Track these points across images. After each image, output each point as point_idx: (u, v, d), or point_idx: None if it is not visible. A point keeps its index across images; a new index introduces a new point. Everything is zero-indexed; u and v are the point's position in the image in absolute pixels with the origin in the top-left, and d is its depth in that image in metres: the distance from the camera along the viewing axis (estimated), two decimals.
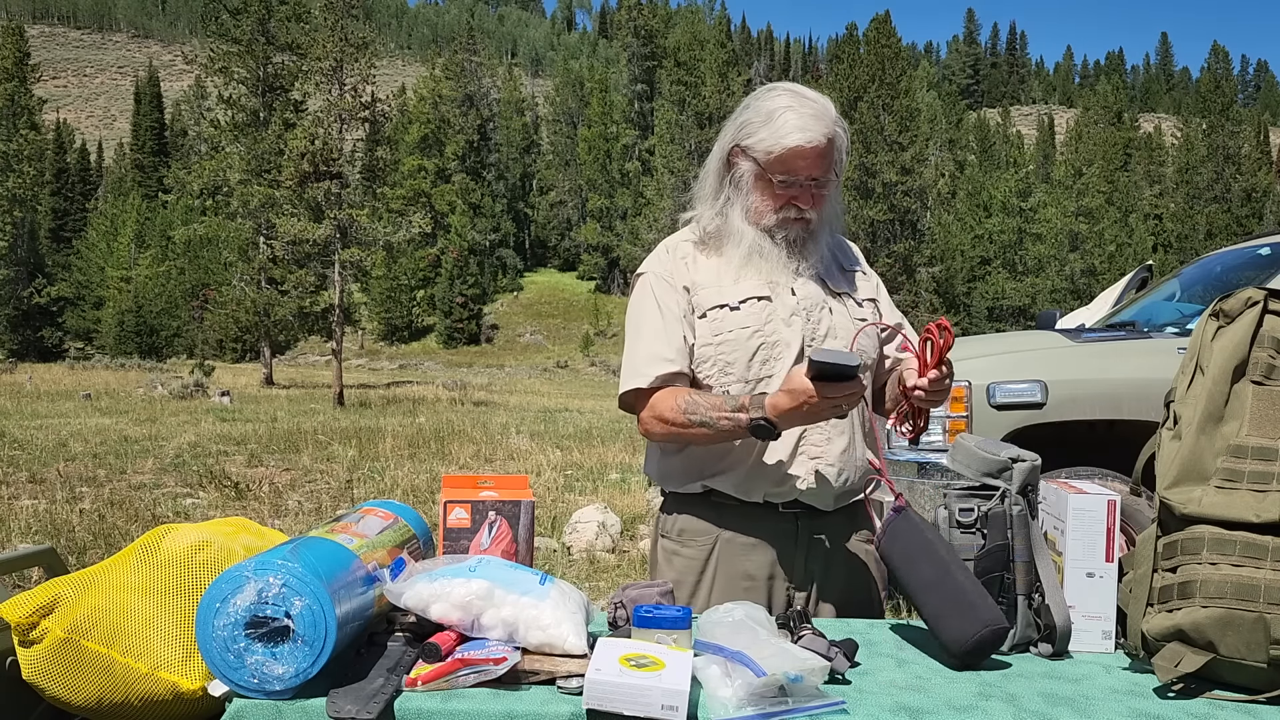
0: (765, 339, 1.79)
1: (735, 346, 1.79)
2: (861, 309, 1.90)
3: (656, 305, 1.85)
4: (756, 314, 1.80)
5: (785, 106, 1.76)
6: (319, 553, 1.29)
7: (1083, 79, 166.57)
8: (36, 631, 1.36)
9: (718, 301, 1.82)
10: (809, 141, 1.74)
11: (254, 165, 28.58)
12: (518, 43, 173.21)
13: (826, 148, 1.76)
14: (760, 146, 1.77)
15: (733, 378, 1.80)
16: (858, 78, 51.34)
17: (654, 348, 1.82)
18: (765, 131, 1.76)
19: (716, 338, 1.81)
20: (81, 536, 6.43)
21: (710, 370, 1.81)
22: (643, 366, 1.81)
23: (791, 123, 1.74)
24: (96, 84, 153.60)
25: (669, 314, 1.83)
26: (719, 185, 1.85)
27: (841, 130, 1.81)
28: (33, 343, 51.71)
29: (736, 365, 1.80)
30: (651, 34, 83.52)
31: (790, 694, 1.21)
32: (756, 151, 1.78)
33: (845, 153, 1.84)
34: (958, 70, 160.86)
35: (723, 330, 1.80)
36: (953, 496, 1.60)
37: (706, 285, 1.84)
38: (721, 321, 1.81)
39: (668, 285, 1.85)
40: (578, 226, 78.99)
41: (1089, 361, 4.05)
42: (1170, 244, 59.01)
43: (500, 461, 11.06)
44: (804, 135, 1.73)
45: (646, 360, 1.82)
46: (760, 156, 1.78)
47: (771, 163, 1.77)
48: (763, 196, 1.80)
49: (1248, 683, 1.33)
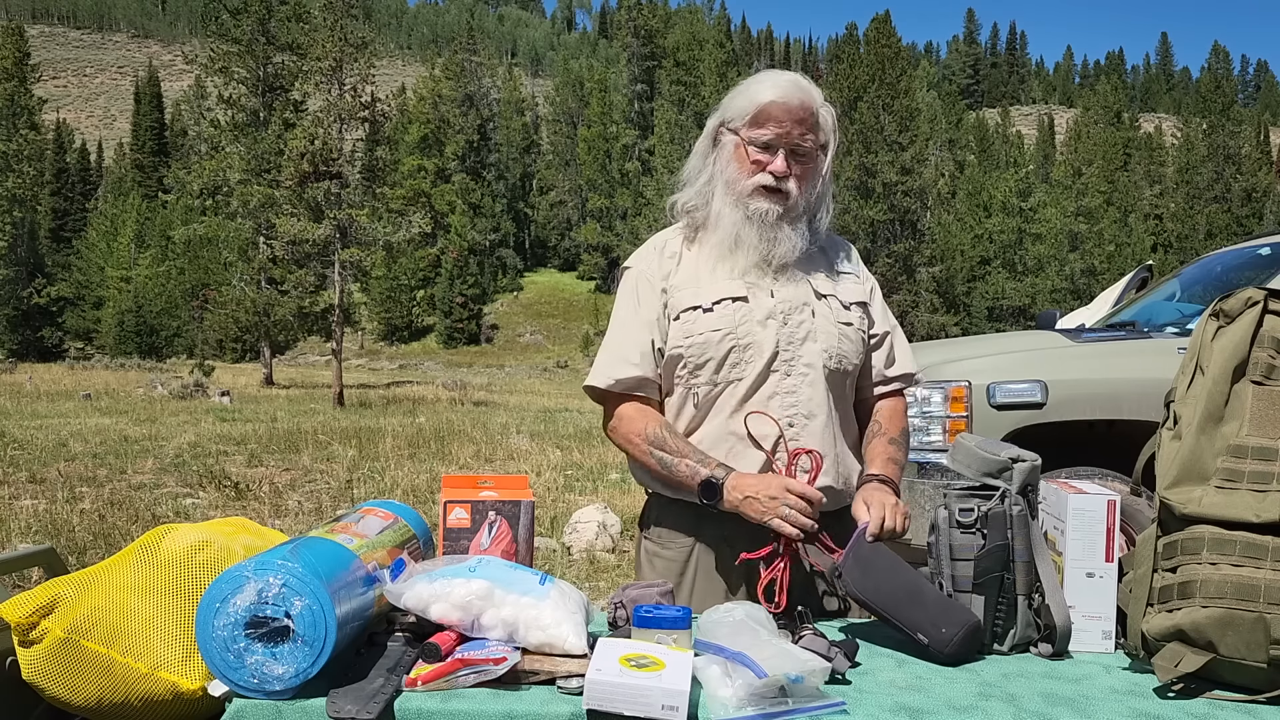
0: (737, 341, 1.77)
1: (706, 348, 1.78)
2: (849, 312, 1.85)
3: (634, 305, 1.86)
4: (729, 315, 1.78)
5: (763, 76, 1.81)
6: (319, 553, 1.29)
7: (1083, 79, 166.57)
8: (36, 632, 1.36)
9: (692, 303, 1.81)
10: (781, 97, 1.76)
11: (254, 165, 28.58)
12: (518, 43, 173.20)
13: (800, 111, 1.76)
14: (736, 111, 1.80)
15: (701, 379, 1.79)
16: (858, 78, 51.33)
17: (621, 350, 1.83)
18: (743, 99, 1.80)
19: (687, 339, 1.79)
20: (81, 536, 6.42)
21: (681, 372, 1.81)
22: (606, 367, 1.84)
23: (766, 82, 1.79)
24: (96, 84, 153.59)
25: (643, 316, 1.84)
26: (703, 164, 1.86)
27: (825, 112, 1.81)
28: (33, 343, 51.72)
29: (706, 367, 1.78)
30: (651, 34, 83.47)
31: (790, 694, 1.21)
32: (734, 119, 1.80)
33: (832, 135, 1.83)
34: (958, 70, 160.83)
35: (694, 332, 1.79)
36: (953, 496, 1.60)
37: (684, 286, 1.83)
38: (694, 323, 1.79)
39: (648, 285, 1.85)
40: (578, 226, 78.99)
41: (1089, 361, 4.04)
42: (1170, 244, 59.00)
43: (500, 461, 11.06)
44: (776, 91, 1.76)
45: (611, 361, 1.84)
46: (737, 123, 1.80)
47: (747, 124, 1.78)
48: (740, 166, 1.80)
49: (1248, 683, 1.33)
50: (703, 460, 1.73)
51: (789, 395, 1.77)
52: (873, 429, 1.87)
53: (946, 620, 1.46)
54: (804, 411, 1.77)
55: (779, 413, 1.76)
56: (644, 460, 1.79)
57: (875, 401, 1.91)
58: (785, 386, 1.77)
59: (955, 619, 1.46)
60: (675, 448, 1.76)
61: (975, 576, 1.52)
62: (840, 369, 1.82)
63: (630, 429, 1.81)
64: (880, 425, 1.87)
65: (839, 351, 1.81)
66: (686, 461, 1.74)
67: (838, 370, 1.81)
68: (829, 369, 1.80)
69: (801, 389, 1.78)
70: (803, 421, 1.77)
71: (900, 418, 1.90)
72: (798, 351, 1.78)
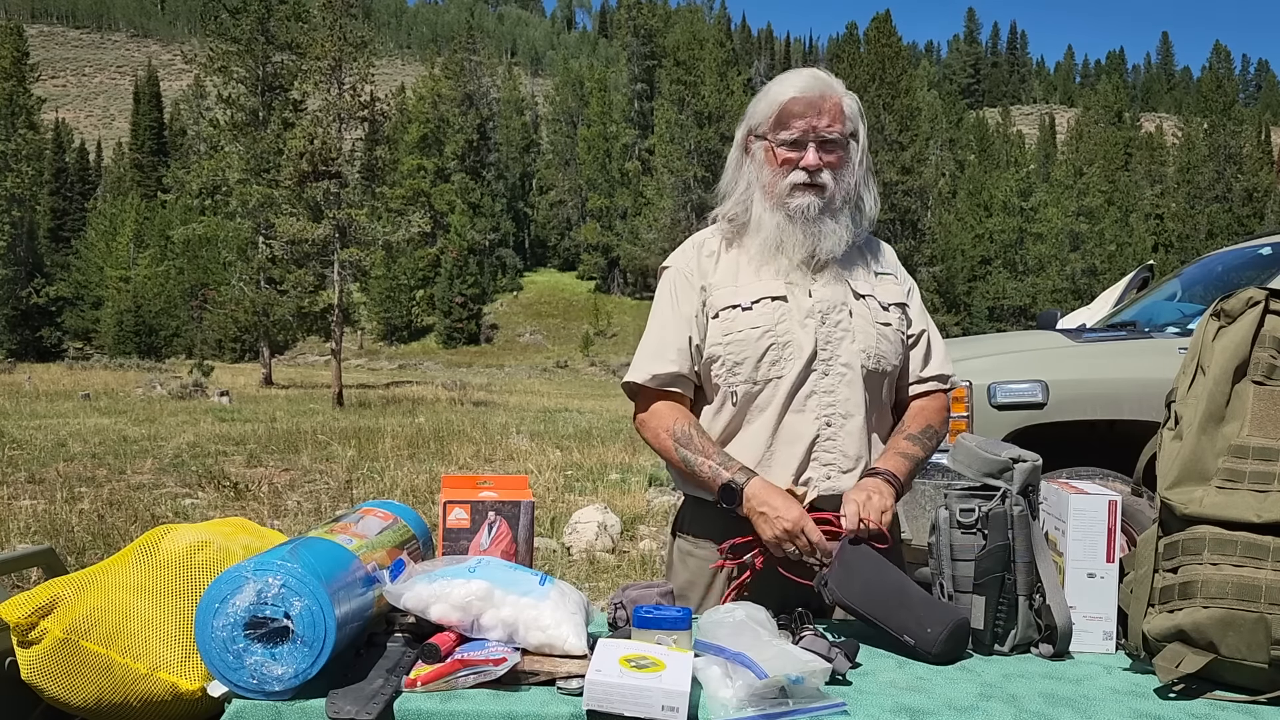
0: (776, 339, 1.77)
1: (744, 346, 1.78)
2: (887, 313, 1.85)
3: (671, 302, 1.86)
4: (769, 314, 1.78)
5: (782, 77, 1.83)
6: (318, 553, 1.29)
7: (1083, 78, 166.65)
8: (35, 632, 1.36)
9: (731, 302, 1.81)
10: (802, 91, 1.77)
11: (253, 165, 28.55)
12: (517, 42, 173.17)
13: (822, 102, 1.77)
14: (761, 116, 1.81)
15: (740, 378, 1.79)
16: (858, 77, 51.29)
17: (658, 346, 1.84)
18: (764, 103, 1.81)
19: (726, 337, 1.80)
20: (81, 537, 6.42)
21: (720, 370, 1.81)
22: (644, 362, 1.85)
23: (785, 82, 1.81)
24: (95, 83, 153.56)
25: (680, 314, 1.84)
26: (737, 175, 1.87)
27: (850, 100, 1.82)
28: (31, 343, 51.70)
29: (745, 365, 1.78)
30: (651, 33, 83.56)
31: (791, 695, 1.21)
32: (760, 124, 1.82)
33: (860, 123, 1.83)
34: (958, 69, 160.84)
35: (733, 330, 1.79)
36: (953, 497, 1.60)
37: (722, 285, 1.83)
38: (733, 322, 1.80)
39: (686, 283, 1.86)
40: (577, 226, 79.00)
41: (1090, 361, 4.04)
42: (1171, 244, 59.02)
43: (500, 461, 11.06)
44: (796, 88, 1.78)
45: (649, 357, 1.84)
46: (764, 128, 1.81)
47: (773, 125, 1.79)
48: (773, 169, 1.80)
49: (1248, 683, 1.33)
50: (726, 463, 1.73)
51: (827, 395, 1.77)
52: (898, 427, 1.87)
53: (931, 620, 1.47)
54: (841, 411, 1.78)
55: (817, 412, 1.77)
56: (668, 455, 1.80)
57: (910, 401, 1.91)
58: (824, 386, 1.77)
59: (940, 618, 1.47)
60: (700, 446, 1.76)
61: (976, 577, 1.52)
62: (878, 369, 1.81)
63: (659, 424, 1.81)
64: (904, 423, 1.87)
65: (877, 351, 1.80)
66: (709, 462, 1.74)
67: (875, 371, 1.81)
68: (866, 369, 1.80)
69: (839, 389, 1.78)
70: (840, 421, 1.78)
71: (926, 415, 1.88)
72: (836, 351, 1.78)
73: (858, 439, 1.78)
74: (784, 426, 1.77)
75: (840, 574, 1.56)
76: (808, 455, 1.77)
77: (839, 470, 1.77)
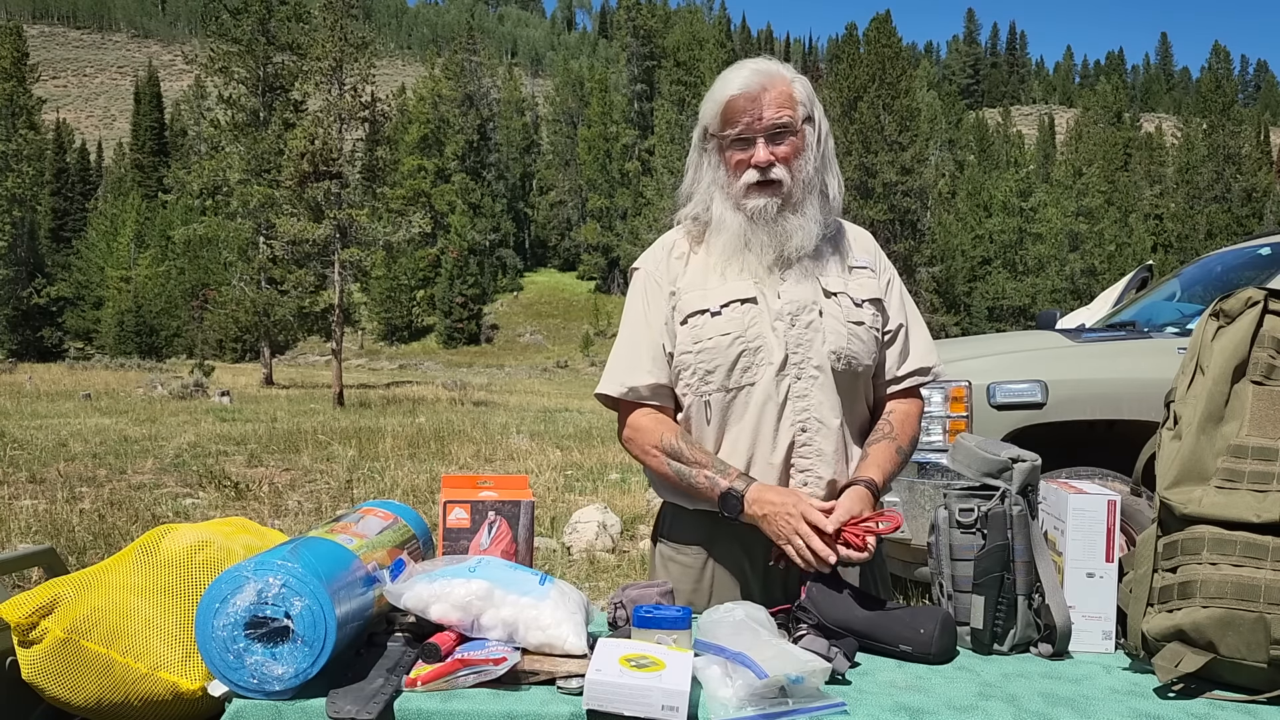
0: (747, 344, 1.72)
1: (716, 354, 1.73)
2: (860, 310, 1.78)
3: (643, 308, 1.82)
4: (739, 319, 1.73)
5: (725, 73, 1.77)
6: (319, 553, 1.29)
7: (1083, 79, 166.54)
8: (36, 632, 1.36)
9: (699, 306, 1.76)
10: (743, 87, 1.71)
11: (254, 165, 28.57)
12: (518, 43, 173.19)
13: (764, 94, 1.71)
14: (709, 116, 1.77)
15: (713, 386, 1.74)
16: (858, 78, 51.29)
17: (633, 356, 1.80)
18: (710, 103, 1.76)
19: (696, 345, 1.75)
20: (81, 536, 6.42)
21: (691, 379, 1.76)
22: (619, 373, 1.80)
23: (726, 78, 1.75)
24: (96, 84, 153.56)
25: (653, 320, 1.80)
26: (697, 175, 1.82)
27: (799, 85, 1.75)
28: (32, 343, 51.68)
29: (717, 374, 1.74)
30: (651, 34, 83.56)
31: (791, 695, 1.21)
32: (710, 124, 1.77)
33: (814, 106, 1.77)
34: (958, 70, 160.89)
35: (703, 338, 1.74)
36: (953, 496, 1.60)
37: (691, 288, 1.78)
38: (702, 328, 1.74)
39: (656, 287, 1.81)
40: (578, 226, 79.04)
41: (1089, 361, 4.04)
42: (1170, 244, 59.01)
43: (500, 461, 11.06)
44: (736, 84, 1.72)
45: (623, 368, 1.80)
46: (713, 127, 1.76)
47: (720, 125, 1.75)
48: (728, 170, 1.76)
49: (1248, 683, 1.33)
50: (722, 470, 1.70)
51: (800, 400, 1.72)
52: (875, 432, 1.81)
53: (919, 622, 1.48)
54: (817, 415, 1.73)
55: (792, 418, 1.72)
56: (662, 472, 1.76)
57: (888, 401, 1.84)
58: (797, 390, 1.73)
59: (926, 619, 1.48)
60: (692, 458, 1.72)
61: (975, 576, 1.52)
62: (849, 370, 1.75)
63: (646, 441, 1.77)
64: (886, 428, 1.81)
65: (848, 352, 1.74)
66: (705, 473, 1.70)
67: (847, 371, 1.75)
68: (837, 370, 1.74)
69: (812, 392, 1.73)
70: (816, 425, 1.73)
71: (911, 422, 1.84)
72: (807, 354, 1.73)
73: (834, 442, 1.74)
74: (760, 434, 1.73)
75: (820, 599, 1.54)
76: (786, 462, 1.73)
77: (816, 476, 1.73)
